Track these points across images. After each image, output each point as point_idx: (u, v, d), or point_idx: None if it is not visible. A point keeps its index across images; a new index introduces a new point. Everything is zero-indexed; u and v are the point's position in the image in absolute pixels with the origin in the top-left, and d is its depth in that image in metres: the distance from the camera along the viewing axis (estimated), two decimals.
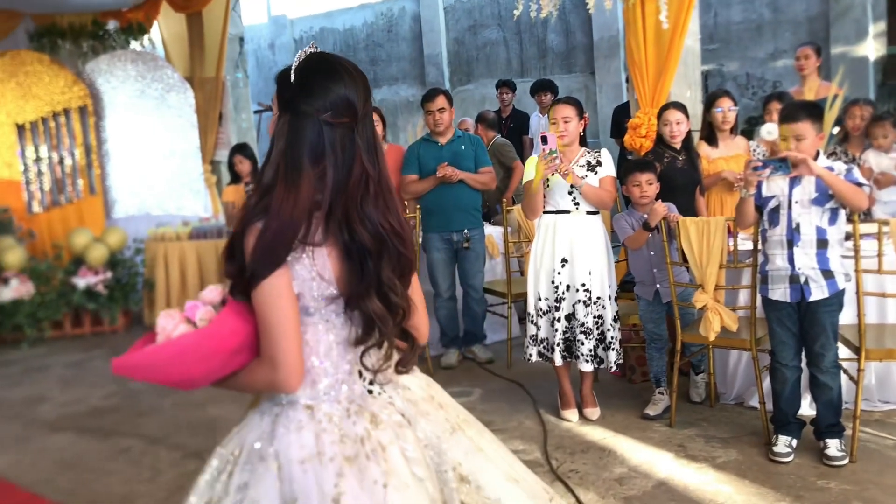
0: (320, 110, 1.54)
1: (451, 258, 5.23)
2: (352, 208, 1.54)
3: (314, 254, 1.53)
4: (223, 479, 1.54)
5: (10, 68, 7.71)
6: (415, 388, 1.68)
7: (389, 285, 1.57)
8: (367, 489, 1.46)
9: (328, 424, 1.52)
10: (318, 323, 1.57)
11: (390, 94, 12.00)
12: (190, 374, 1.55)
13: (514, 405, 4.44)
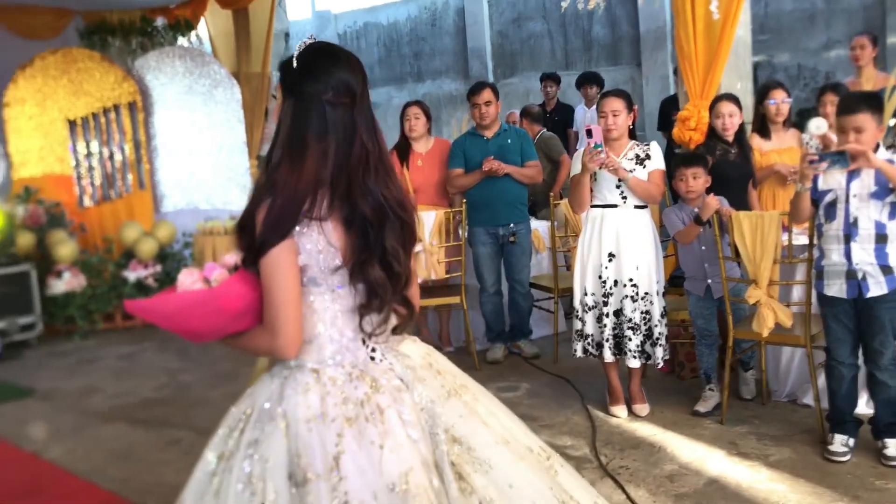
0: (322, 91, 1.66)
1: (497, 253, 5.20)
2: (354, 182, 1.65)
3: (320, 227, 1.63)
4: (235, 435, 1.67)
5: (61, 65, 7.86)
6: (414, 356, 1.78)
7: (393, 254, 1.68)
8: (365, 449, 1.57)
9: (332, 387, 1.63)
10: (325, 293, 1.68)
11: (433, 88, 12.00)
12: (196, 325, 1.69)
13: (561, 401, 4.41)
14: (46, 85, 7.82)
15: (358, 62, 1.76)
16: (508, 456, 1.71)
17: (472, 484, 1.66)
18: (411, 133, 5.36)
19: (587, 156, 3.89)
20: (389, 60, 12.70)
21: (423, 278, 5.08)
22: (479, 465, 1.68)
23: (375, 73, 12.87)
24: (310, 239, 1.63)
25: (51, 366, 5.95)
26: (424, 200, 5.35)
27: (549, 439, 3.85)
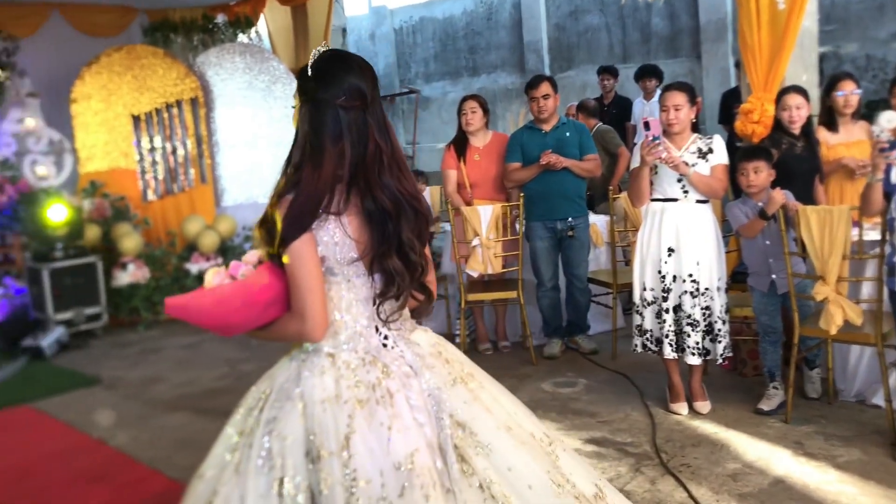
0: (336, 96, 1.79)
1: (555, 247, 5.17)
2: (371, 178, 1.78)
3: (338, 220, 1.77)
4: (255, 413, 1.79)
5: (126, 62, 8.05)
6: (424, 345, 1.89)
7: (409, 244, 1.80)
8: (374, 429, 1.67)
9: (346, 371, 1.74)
10: (341, 282, 1.80)
11: (489, 83, 11.97)
12: (230, 319, 1.80)
13: (621, 397, 4.36)
14: (112, 81, 8.02)
15: (369, 67, 1.87)
16: (509, 441, 1.79)
17: (474, 466, 1.75)
18: (468, 127, 5.35)
19: (645, 149, 3.85)
20: (445, 55, 12.70)
21: (479, 272, 5.08)
22: (480, 449, 1.76)
23: (431, 67, 12.89)
24: (326, 232, 1.76)
25: (116, 355, 6.11)
26: (481, 195, 5.34)
27: (607, 436, 3.82)
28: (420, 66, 13.07)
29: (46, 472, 3.89)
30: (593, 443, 3.79)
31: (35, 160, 7.43)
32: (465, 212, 5.04)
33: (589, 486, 1.90)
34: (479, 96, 5.50)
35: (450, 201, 5.37)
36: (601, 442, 3.79)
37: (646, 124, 3.84)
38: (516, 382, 4.76)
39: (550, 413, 4.21)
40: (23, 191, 7.12)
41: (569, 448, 1.98)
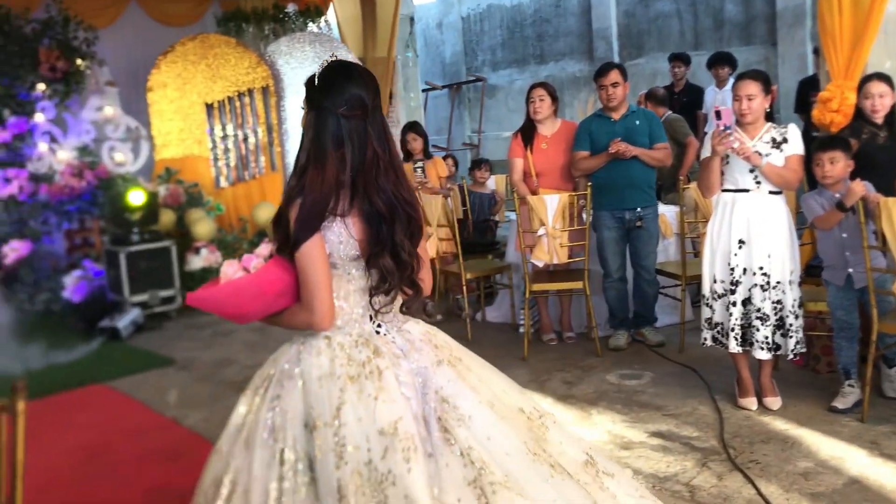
0: (338, 105, 1.94)
1: (623, 237, 5.11)
2: (369, 182, 1.94)
3: (343, 222, 1.93)
4: (261, 392, 1.99)
5: (200, 51, 8.23)
6: (415, 332, 2.07)
7: (401, 245, 1.96)
8: (363, 401, 1.86)
9: (339, 351, 1.93)
10: (342, 275, 1.99)
11: (557, 70, 11.85)
12: (245, 308, 2.01)
13: (688, 390, 4.30)
14: (186, 70, 8.22)
15: (371, 77, 2.03)
16: (490, 414, 1.96)
17: (455, 435, 1.91)
18: (536, 115, 5.31)
19: (716, 139, 3.78)
20: (512, 42, 12.62)
21: (544, 262, 5.05)
22: (461, 421, 1.93)
23: (498, 55, 12.83)
24: (333, 232, 1.94)
25: (189, 337, 6.28)
26: (548, 184, 5.31)
27: (673, 429, 3.78)
28: (487, 54, 13.02)
29: (120, 450, 4.03)
30: (658, 436, 3.74)
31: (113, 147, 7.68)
32: (531, 201, 5.02)
33: (579, 455, 2.08)
34: (547, 84, 5.46)
35: (516, 190, 5.35)
36: (667, 435, 3.74)
37: (717, 114, 3.76)
38: (580, 374, 4.73)
39: (615, 405, 4.18)
40: (101, 176, 7.37)
41: (559, 421, 2.17)
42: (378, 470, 1.80)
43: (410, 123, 6.49)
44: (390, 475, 1.79)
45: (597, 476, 2.05)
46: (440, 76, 13.53)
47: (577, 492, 1.95)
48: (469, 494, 1.82)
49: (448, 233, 5.78)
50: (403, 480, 1.77)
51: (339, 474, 1.80)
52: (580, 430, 3.87)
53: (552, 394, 4.42)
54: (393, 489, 1.77)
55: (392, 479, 1.78)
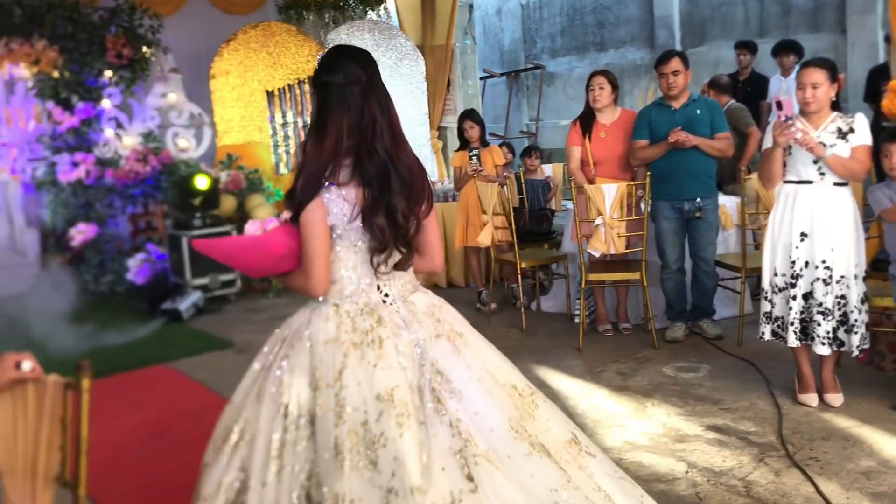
0: (336, 77, 2.10)
1: (682, 228, 5.03)
2: (363, 144, 2.08)
3: (340, 191, 2.07)
4: (275, 350, 2.15)
5: (261, 39, 8.36)
6: (420, 304, 2.17)
7: (396, 206, 2.08)
8: (363, 367, 1.99)
9: (346, 318, 2.07)
10: (349, 246, 2.11)
11: (617, 58, 11.69)
12: (250, 263, 2.23)
13: (746, 384, 4.22)
14: (248, 58, 8.35)
15: (366, 54, 2.20)
16: (479, 390, 2.08)
17: (446, 407, 2.02)
18: (595, 104, 5.26)
19: (777, 129, 3.69)
20: (572, 30, 12.49)
21: (601, 252, 5.01)
22: (453, 394, 2.05)
23: (557, 43, 12.72)
24: (334, 203, 2.07)
25: (247, 320, 6.40)
26: (605, 173, 5.26)
27: (730, 424, 3.72)
28: (546, 41, 12.91)
29: (180, 430, 4.12)
30: (714, 430, 3.69)
31: (176, 133, 7.86)
32: (588, 190, 4.97)
33: (565, 433, 2.19)
34: (608, 72, 5.40)
35: (573, 179, 5.31)
36: (723, 429, 3.69)
37: (778, 104, 3.68)
38: (636, 365, 4.69)
39: (671, 398, 4.13)
40: (165, 162, 7.55)
41: (548, 400, 2.26)
42: (372, 431, 1.93)
43: (468, 111, 6.47)
44: (383, 437, 1.91)
45: (578, 454, 2.16)
46: (498, 64, 13.47)
47: (553, 470, 2.05)
48: (453, 464, 1.93)
49: (503, 221, 5.77)
50: (395, 444, 1.90)
51: (337, 432, 1.94)
52: (634, 423, 3.84)
53: (607, 385, 4.39)
54: (384, 450, 1.90)
55: (384, 441, 1.91)
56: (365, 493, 1.87)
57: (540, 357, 4.97)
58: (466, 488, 1.90)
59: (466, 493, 1.89)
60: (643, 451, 3.53)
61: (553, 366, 4.79)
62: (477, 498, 1.89)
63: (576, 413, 4.01)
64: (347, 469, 1.89)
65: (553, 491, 1.99)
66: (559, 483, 2.01)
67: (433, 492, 1.87)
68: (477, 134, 6.24)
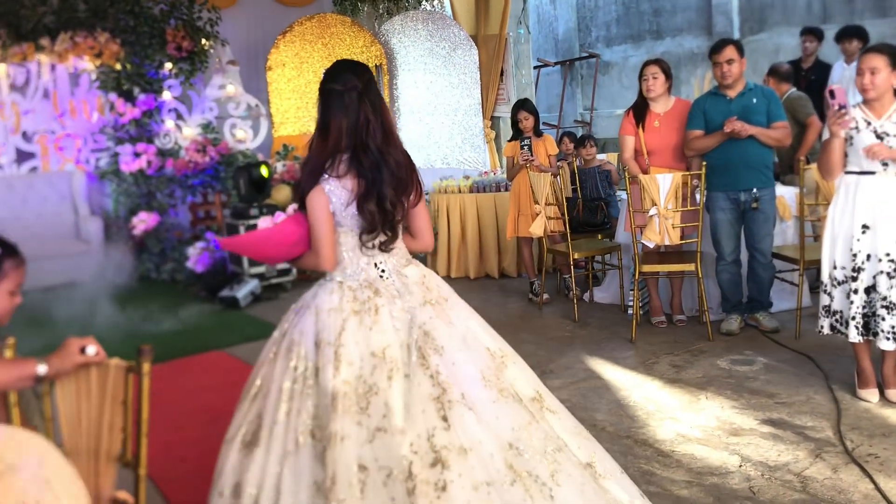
0: (336, 84, 2.44)
1: (738, 219, 4.94)
2: (358, 142, 2.41)
3: (339, 182, 2.41)
4: (290, 317, 2.51)
5: (317, 30, 8.45)
6: (412, 276, 2.51)
7: (386, 195, 2.41)
8: (361, 330, 2.35)
9: (348, 292, 2.42)
10: (348, 232, 2.47)
11: (673, 46, 11.52)
12: (269, 253, 2.62)
13: (803, 379, 4.15)
14: (304, 49, 8.45)
15: (362, 66, 2.54)
16: (457, 346, 2.40)
17: (429, 361, 2.34)
18: (649, 93, 5.20)
19: (831, 119, 3.61)
20: (628, 18, 12.34)
21: (655, 243, 4.96)
22: (436, 350, 2.36)
23: (612, 31, 12.58)
24: (334, 193, 2.42)
25: None
26: (659, 162, 5.20)
27: (785, 418, 3.66)
28: (601, 29, 12.78)
29: None
30: (770, 424, 3.63)
31: (234, 124, 7.99)
32: (642, 180, 4.92)
33: (529, 391, 2.48)
34: (661, 61, 5.32)
35: (627, 169, 5.26)
36: (778, 423, 3.63)
37: (830, 92, 3.59)
38: (689, 357, 4.64)
39: (725, 391, 4.08)
40: (223, 152, 7.68)
41: (520, 362, 2.54)
42: (366, 382, 2.28)
43: (521, 101, 6.42)
44: (375, 387, 2.27)
45: (540, 410, 2.46)
46: (552, 53, 13.37)
47: (516, 413, 2.35)
48: (431, 407, 2.27)
49: (556, 211, 5.75)
50: (385, 393, 2.25)
51: (335, 382, 2.27)
52: (687, 415, 3.81)
53: (659, 377, 4.36)
54: (375, 398, 2.25)
55: (376, 391, 2.26)
56: (353, 430, 2.20)
57: (592, 348, 4.95)
58: (440, 427, 2.24)
59: (440, 430, 2.23)
60: (696, 443, 3.49)
61: (606, 357, 4.76)
62: (448, 435, 2.22)
63: (628, 405, 3.99)
64: (340, 412, 2.22)
65: (513, 430, 2.31)
66: (520, 423, 2.33)
67: (412, 430, 2.22)
68: (531, 124, 6.21)
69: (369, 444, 2.19)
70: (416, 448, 2.18)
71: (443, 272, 7.51)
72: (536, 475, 2.24)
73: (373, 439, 2.19)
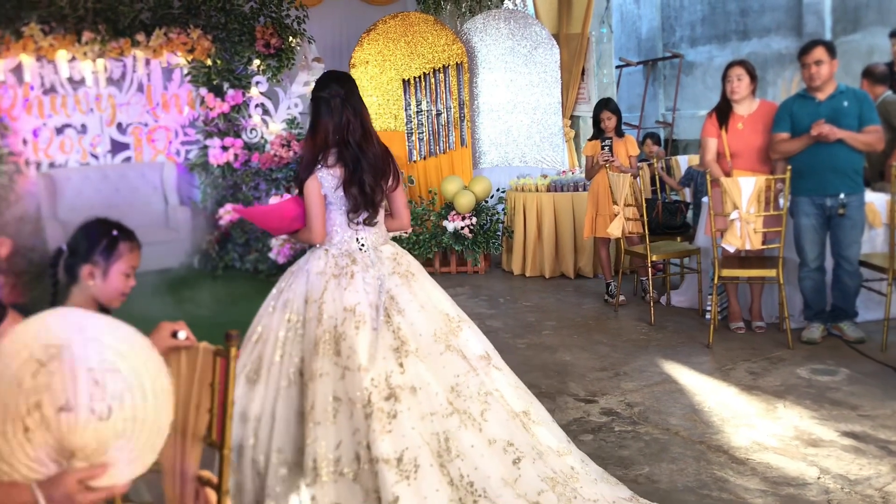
0: (323, 93, 2.98)
1: (822, 225, 4.82)
2: (341, 139, 2.94)
3: (329, 171, 2.94)
4: (287, 278, 3.02)
5: (400, 29, 8.55)
6: (386, 252, 3.01)
7: (366, 181, 2.92)
8: (338, 290, 2.87)
9: (331, 259, 2.95)
10: (336, 210, 2.97)
11: (760, 47, 11.22)
12: (272, 224, 3.08)
13: (888, 391, 4.02)
14: (387, 47, 8.57)
15: (345, 76, 3.07)
16: (417, 309, 2.89)
17: (392, 319, 2.85)
18: (733, 95, 5.10)
19: None
20: (713, 18, 12.07)
21: (736, 247, 4.87)
22: (399, 311, 2.86)
23: (697, 31, 12.33)
24: (325, 180, 2.95)
25: None
26: (742, 165, 5.10)
27: (868, 431, 3.57)
28: (685, 29, 12.54)
29: None
30: (851, 436, 3.54)
31: None
32: (724, 183, 4.84)
33: (479, 350, 2.97)
34: (746, 62, 5.21)
35: (708, 171, 5.18)
36: (860, 437, 3.54)
37: None
38: (768, 365, 4.55)
39: (804, 400, 3.99)
40: None
41: (474, 327, 3.04)
42: (338, 331, 2.79)
43: (604, 100, 6.36)
44: (346, 335, 2.78)
45: (487, 366, 2.95)
46: (635, 52, 13.20)
47: (460, 364, 2.87)
48: (391, 356, 2.77)
49: (635, 212, 5.70)
50: (351, 339, 2.77)
51: (318, 331, 2.80)
52: (764, 423, 3.74)
53: (736, 384, 4.29)
54: (344, 343, 2.77)
55: (345, 337, 2.78)
56: (330, 369, 2.74)
57: (667, 352, 4.90)
58: (397, 371, 2.75)
59: (396, 374, 2.74)
60: (772, 452, 3.43)
61: (681, 361, 4.71)
62: (402, 377, 2.74)
63: (702, 410, 3.94)
64: (321, 354, 2.76)
65: (456, 377, 2.84)
66: (461, 372, 2.86)
67: (374, 371, 2.72)
68: (613, 124, 6.17)
69: (341, 380, 2.72)
70: (377, 383, 2.70)
71: (517, 270, 7.52)
72: (470, 412, 2.79)
73: (343, 377, 2.72)
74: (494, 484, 2.66)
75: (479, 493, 2.63)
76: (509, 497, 2.64)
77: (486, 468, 2.69)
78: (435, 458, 2.65)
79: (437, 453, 2.67)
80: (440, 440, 2.69)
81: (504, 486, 2.67)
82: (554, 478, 2.80)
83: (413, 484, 2.55)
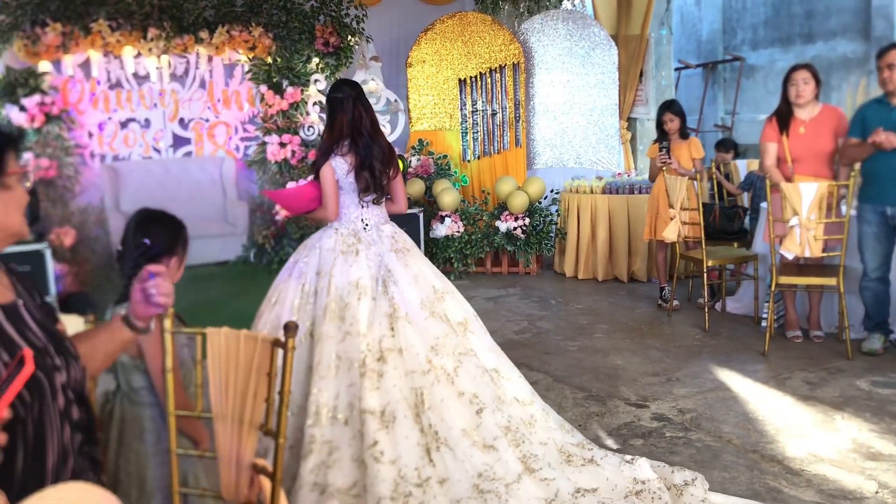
0: (338, 93, 3.40)
1: (886, 234, 4.69)
2: (356, 131, 3.37)
3: (343, 158, 3.36)
4: (301, 252, 3.44)
5: (458, 28, 8.58)
6: (386, 231, 3.44)
7: (374, 166, 3.36)
8: (345, 265, 3.28)
9: (340, 237, 3.36)
10: (346, 193, 3.40)
11: (825, 51, 10.97)
12: (293, 205, 3.50)
13: None
14: (444, 47, 8.60)
15: (354, 82, 3.49)
16: (409, 281, 3.29)
17: (388, 290, 3.26)
18: (798, 99, 4.99)
19: None
20: (777, 20, 11.84)
21: (795, 255, 4.77)
22: (393, 282, 3.27)
23: (759, 34, 12.10)
24: (339, 166, 3.37)
25: None
26: (804, 171, 4.99)
27: None
28: (747, 32, 12.32)
29: None
30: None
31: None
32: (784, 188, 4.75)
33: (459, 317, 3.36)
34: (810, 66, 5.10)
35: (768, 176, 5.08)
36: None
37: None
38: (825, 375, 4.45)
39: (863, 413, 3.89)
40: None
41: (457, 295, 3.43)
42: (344, 300, 3.22)
43: (668, 103, 6.25)
44: (350, 303, 3.21)
45: (465, 331, 3.35)
46: (694, 54, 13.02)
47: (442, 327, 3.25)
48: (385, 321, 3.19)
49: (692, 216, 5.62)
50: (354, 308, 3.20)
51: (327, 300, 3.22)
52: (820, 434, 3.67)
53: (792, 393, 4.21)
54: (348, 311, 3.20)
55: (348, 305, 3.21)
56: (334, 333, 3.16)
57: (721, 359, 4.83)
58: (388, 334, 3.17)
59: (387, 336, 3.16)
60: (828, 464, 3.36)
61: (735, 369, 4.64)
62: (393, 339, 3.16)
63: (756, 419, 3.88)
64: (328, 320, 3.19)
65: (436, 338, 3.22)
66: (441, 334, 3.24)
67: (371, 335, 3.15)
68: (676, 126, 6.08)
69: (343, 342, 3.16)
70: (371, 348, 3.13)
71: (570, 273, 7.49)
72: (445, 368, 3.18)
73: (344, 339, 3.16)
74: (455, 434, 3.07)
75: (441, 441, 3.06)
76: (465, 445, 3.06)
77: (451, 419, 3.10)
78: (410, 410, 3.09)
79: (414, 405, 3.10)
80: (417, 394, 3.12)
81: (463, 437, 3.07)
82: (508, 426, 3.19)
83: (390, 432, 3.03)
